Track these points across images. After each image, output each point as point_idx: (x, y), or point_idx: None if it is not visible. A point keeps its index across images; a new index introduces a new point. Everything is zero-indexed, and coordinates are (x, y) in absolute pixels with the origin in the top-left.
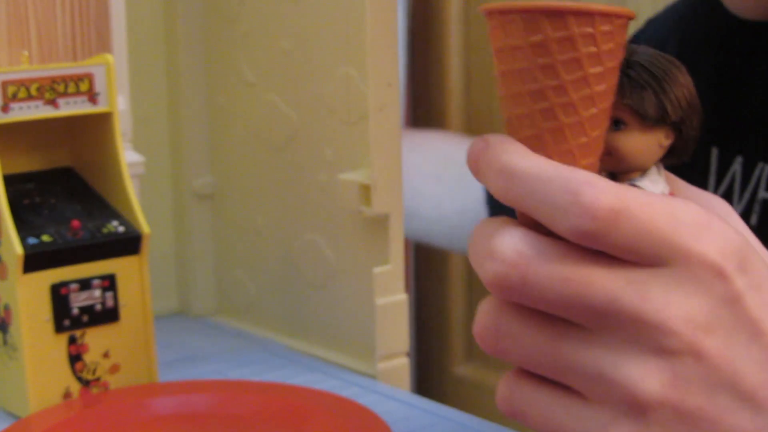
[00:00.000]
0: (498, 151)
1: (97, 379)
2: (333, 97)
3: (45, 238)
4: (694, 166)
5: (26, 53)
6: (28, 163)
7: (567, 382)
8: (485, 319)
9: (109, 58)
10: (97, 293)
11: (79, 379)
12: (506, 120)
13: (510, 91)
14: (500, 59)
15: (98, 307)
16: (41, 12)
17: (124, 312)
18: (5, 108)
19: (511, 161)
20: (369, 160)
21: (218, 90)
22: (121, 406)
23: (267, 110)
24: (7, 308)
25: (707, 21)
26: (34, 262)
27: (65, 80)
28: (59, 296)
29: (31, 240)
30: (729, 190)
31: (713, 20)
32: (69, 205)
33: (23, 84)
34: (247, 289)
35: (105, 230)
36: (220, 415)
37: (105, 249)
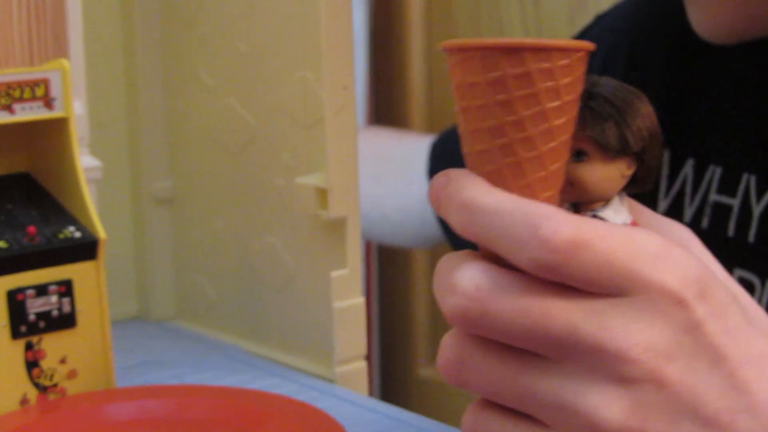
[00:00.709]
0: (459, 186)
1: (55, 385)
2: (290, 101)
3: (1, 244)
4: None
5: None
6: None
7: (530, 413)
8: (448, 353)
9: (65, 63)
10: (54, 299)
11: (37, 386)
12: (466, 155)
13: (470, 127)
14: (460, 95)
15: (55, 313)
16: None
17: (81, 317)
18: None
19: (472, 196)
20: (326, 164)
21: (176, 94)
22: (79, 412)
23: (225, 114)
24: None
25: (660, 22)
26: None
27: (21, 86)
28: (15, 302)
29: None
30: (680, 193)
31: (666, 21)
32: (25, 211)
33: None
34: (206, 293)
35: (61, 236)
36: (179, 421)
37: (61, 255)
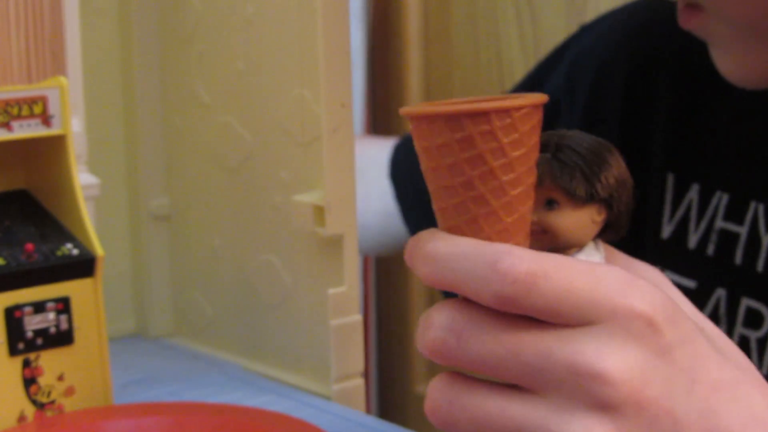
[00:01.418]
0: (424, 241)
1: (52, 402)
2: (287, 119)
3: None
4: (650, 192)
5: None
6: None
7: None
8: (436, 394)
9: (63, 81)
10: (51, 316)
11: (34, 402)
12: (440, 210)
13: (442, 184)
14: (428, 156)
15: (52, 330)
16: None
17: (79, 335)
18: None
19: (435, 247)
20: (323, 182)
21: (174, 111)
22: (77, 429)
23: (222, 131)
24: None
25: (665, 42)
26: None
27: (19, 103)
28: (13, 319)
29: None
30: (685, 218)
31: (671, 41)
32: (23, 228)
33: None
34: (204, 311)
35: (59, 253)
36: None
37: (59, 272)
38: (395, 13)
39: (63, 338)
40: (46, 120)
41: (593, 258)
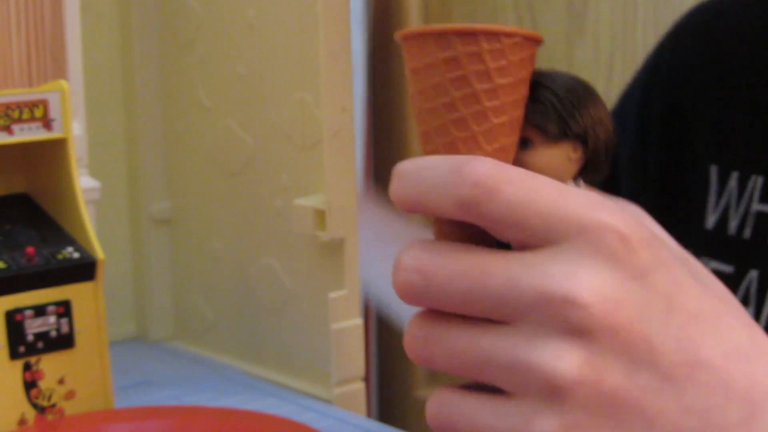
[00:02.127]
0: (398, 165)
1: (53, 406)
2: (288, 123)
3: None
4: (694, 185)
5: None
6: None
7: (489, 380)
8: (413, 330)
9: (64, 84)
10: (52, 319)
11: (35, 406)
12: (422, 133)
13: (425, 106)
14: (416, 78)
15: (53, 334)
16: None
17: (80, 338)
18: None
19: (404, 165)
20: (324, 186)
21: (175, 115)
22: None
23: (223, 135)
24: None
25: (709, 39)
26: None
27: (20, 106)
28: (14, 322)
29: None
30: (727, 206)
31: (720, 40)
32: (24, 231)
33: None
34: (205, 314)
35: (60, 256)
36: None
37: (60, 275)
38: (396, 17)
39: (64, 342)
40: (47, 123)
41: None
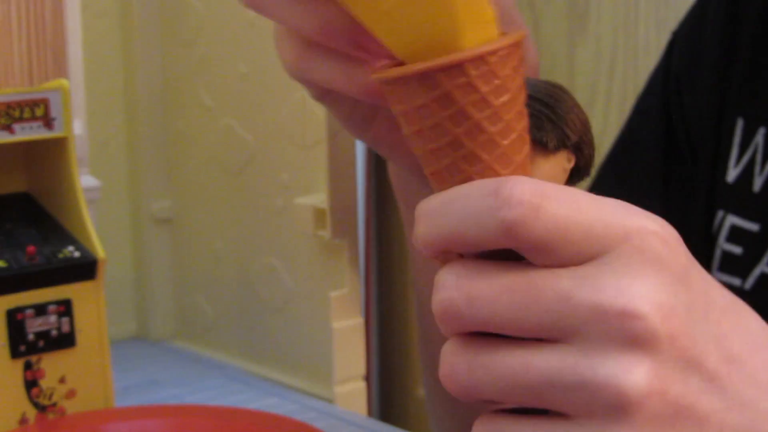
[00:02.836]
0: (417, 209)
1: (54, 405)
2: (289, 122)
3: (0, 264)
4: (718, 136)
5: None
6: None
7: (549, 404)
8: (452, 358)
9: (65, 83)
10: (53, 319)
11: (36, 405)
12: (432, 174)
13: (417, 152)
14: (408, 121)
15: (54, 333)
16: None
17: (81, 337)
18: None
19: (427, 203)
20: (325, 185)
21: (176, 114)
22: None
23: (224, 134)
24: None
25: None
26: None
27: (21, 105)
28: (15, 322)
29: None
30: (751, 162)
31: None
32: (25, 231)
33: None
34: (205, 313)
35: (61, 255)
36: None
37: (61, 274)
38: None
39: (65, 341)
40: (48, 123)
41: None
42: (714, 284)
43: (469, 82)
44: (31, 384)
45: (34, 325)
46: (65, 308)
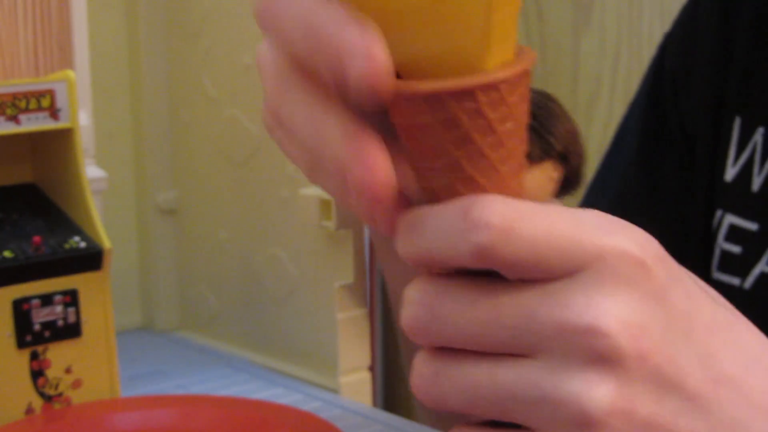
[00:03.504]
0: (401, 221)
1: (60, 395)
2: None
3: (7, 254)
4: (716, 136)
5: None
6: None
7: (513, 418)
8: (421, 369)
9: (71, 74)
10: (59, 309)
11: (42, 395)
12: (425, 189)
13: (414, 164)
14: (408, 136)
15: (60, 323)
16: (3, 27)
17: (87, 327)
18: None
19: (407, 218)
20: None
21: (181, 105)
22: (84, 422)
23: (229, 125)
24: None
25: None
26: None
27: (27, 96)
28: (21, 312)
29: None
30: (749, 161)
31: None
32: (31, 221)
33: None
34: (210, 304)
35: (67, 246)
36: (183, 430)
37: (67, 264)
38: None
39: (70, 331)
40: (54, 113)
41: None
42: (703, 302)
43: (478, 108)
44: (37, 374)
45: (40, 316)
46: (71, 298)
